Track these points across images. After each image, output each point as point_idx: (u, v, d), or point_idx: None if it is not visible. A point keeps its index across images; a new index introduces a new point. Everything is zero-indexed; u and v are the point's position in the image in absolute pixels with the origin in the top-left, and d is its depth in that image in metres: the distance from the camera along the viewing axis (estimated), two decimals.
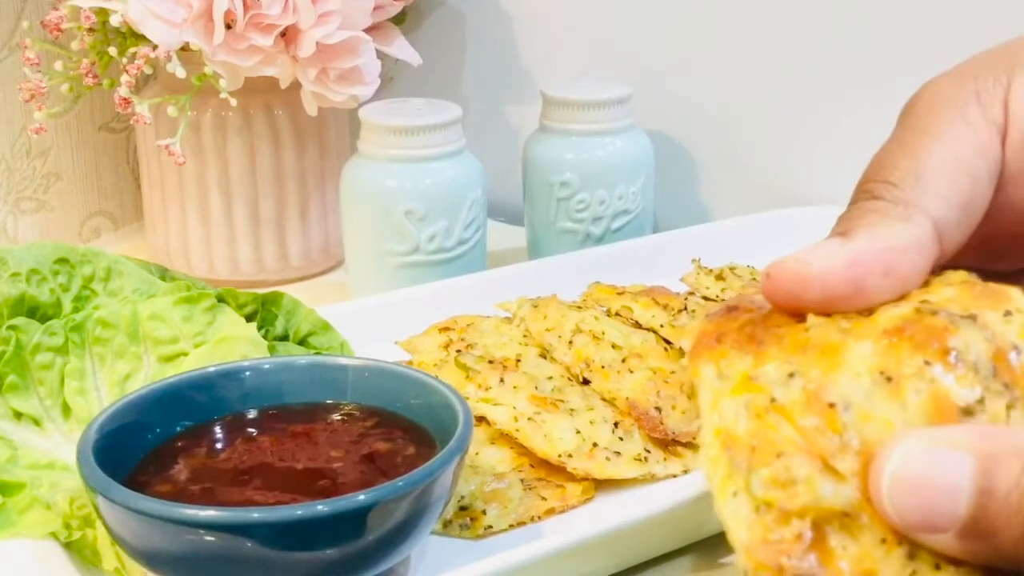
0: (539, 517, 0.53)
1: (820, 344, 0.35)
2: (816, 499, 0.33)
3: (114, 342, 0.54)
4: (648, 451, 0.56)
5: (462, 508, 0.52)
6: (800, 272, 0.36)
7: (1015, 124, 0.39)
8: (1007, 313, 0.35)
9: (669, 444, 0.57)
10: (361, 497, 0.42)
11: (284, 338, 0.60)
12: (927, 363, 0.34)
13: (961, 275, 0.38)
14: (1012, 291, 0.36)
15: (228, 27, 0.73)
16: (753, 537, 0.33)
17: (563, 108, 0.81)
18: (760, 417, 0.34)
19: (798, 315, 0.37)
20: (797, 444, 0.34)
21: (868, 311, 0.36)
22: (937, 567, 0.32)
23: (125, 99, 0.74)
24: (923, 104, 0.40)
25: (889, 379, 0.34)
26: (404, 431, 0.49)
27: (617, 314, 0.65)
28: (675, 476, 0.55)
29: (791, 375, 0.35)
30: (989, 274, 0.38)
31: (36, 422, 0.52)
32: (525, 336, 0.63)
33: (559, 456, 0.54)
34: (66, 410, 0.53)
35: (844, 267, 0.36)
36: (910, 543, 0.33)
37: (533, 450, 0.54)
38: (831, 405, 0.33)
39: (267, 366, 0.52)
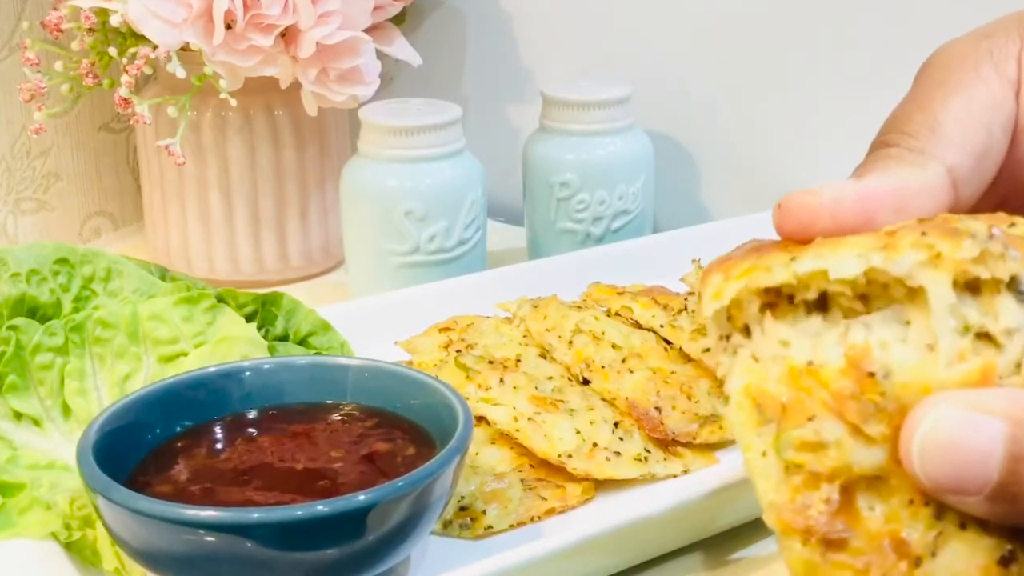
0: (539, 517, 0.53)
1: (823, 242, 0.36)
2: (846, 463, 0.33)
3: (114, 342, 0.54)
4: (648, 451, 0.56)
5: (462, 508, 0.52)
6: (810, 202, 0.36)
7: None
8: (1012, 224, 0.35)
9: (669, 444, 0.57)
10: (361, 497, 0.42)
11: (284, 338, 0.59)
12: (924, 233, 0.34)
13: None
14: (1018, 217, 0.36)
15: (228, 27, 0.73)
16: (781, 498, 0.34)
17: (563, 108, 0.81)
18: (794, 378, 0.34)
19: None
20: (830, 407, 0.34)
21: None
22: (963, 527, 0.33)
23: (125, 99, 0.74)
24: (936, 63, 0.40)
25: (885, 246, 0.34)
26: (404, 431, 0.49)
27: (617, 314, 0.65)
28: (675, 476, 0.55)
29: (792, 259, 0.35)
30: None
31: (36, 422, 0.52)
32: (525, 336, 0.63)
33: (559, 456, 0.54)
34: (66, 410, 0.53)
35: (855, 199, 0.36)
36: (937, 504, 0.33)
37: (533, 450, 0.54)
38: (871, 374, 0.33)
39: (267, 366, 0.52)
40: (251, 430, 0.50)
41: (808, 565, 0.33)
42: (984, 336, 0.34)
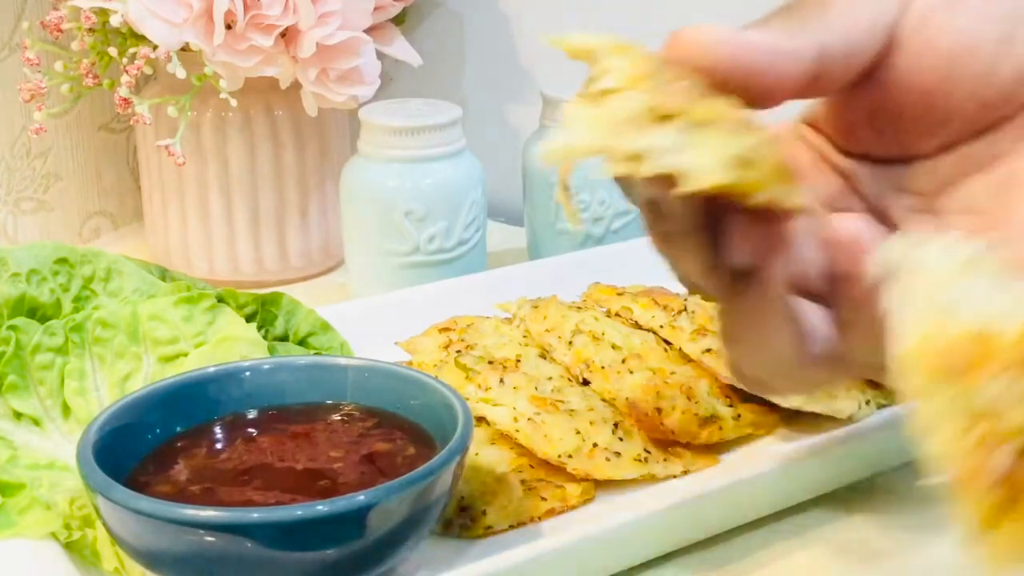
0: (539, 517, 0.53)
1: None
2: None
3: (114, 342, 0.54)
4: (648, 451, 0.56)
5: (462, 508, 0.52)
6: (697, 37, 0.38)
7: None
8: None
9: (669, 444, 0.57)
10: (361, 497, 0.42)
11: (284, 338, 0.59)
12: None
13: None
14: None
15: (228, 27, 0.73)
16: (960, 453, 0.33)
17: (563, 108, 0.81)
18: (975, 339, 0.35)
19: None
20: (1014, 368, 0.34)
21: None
22: None
23: (125, 99, 0.74)
24: None
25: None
26: (404, 431, 0.49)
27: (617, 315, 0.65)
28: (675, 476, 0.55)
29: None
30: (880, 161, 0.41)
31: (36, 422, 0.52)
32: (525, 337, 0.63)
33: (559, 457, 0.54)
34: (66, 410, 0.53)
35: (732, 45, 0.38)
36: None
37: (533, 450, 0.54)
38: None
39: (267, 366, 0.52)
40: (251, 430, 0.50)
41: (988, 517, 0.33)
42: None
